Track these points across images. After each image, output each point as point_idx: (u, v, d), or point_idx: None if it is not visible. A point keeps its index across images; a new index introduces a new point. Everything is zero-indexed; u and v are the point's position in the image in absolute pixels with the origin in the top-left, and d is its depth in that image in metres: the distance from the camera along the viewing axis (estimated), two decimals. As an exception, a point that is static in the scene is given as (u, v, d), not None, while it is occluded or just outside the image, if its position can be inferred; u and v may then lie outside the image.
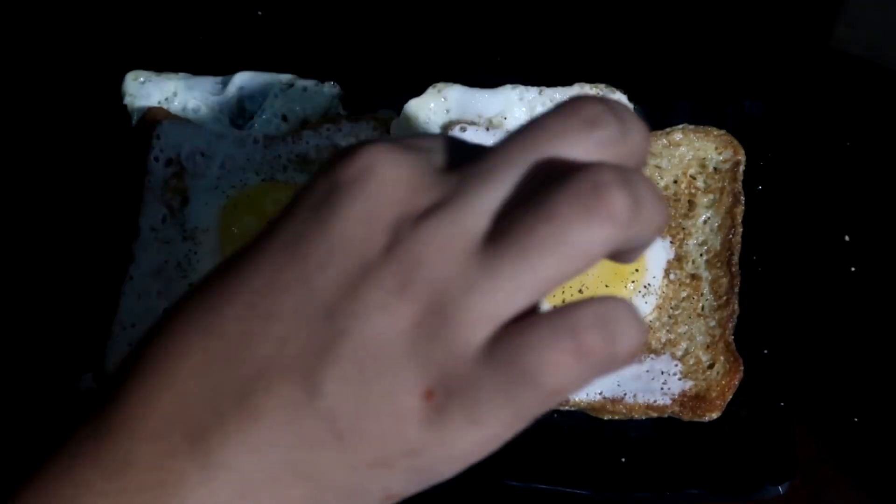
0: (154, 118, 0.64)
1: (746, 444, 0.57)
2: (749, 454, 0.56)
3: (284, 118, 0.66)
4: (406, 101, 0.65)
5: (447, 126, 0.64)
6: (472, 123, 0.63)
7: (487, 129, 0.63)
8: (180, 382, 0.32)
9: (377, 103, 0.66)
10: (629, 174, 0.31)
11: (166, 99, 0.66)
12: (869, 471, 0.58)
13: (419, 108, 0.64)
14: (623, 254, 0.33)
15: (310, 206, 0.32)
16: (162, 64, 0.67)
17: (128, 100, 0.66)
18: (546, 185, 0.31)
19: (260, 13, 0.71)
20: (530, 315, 0.31)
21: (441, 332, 0.31)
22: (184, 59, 0.68)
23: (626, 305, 0.31)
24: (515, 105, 0.64)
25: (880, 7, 0.71)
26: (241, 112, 0.66)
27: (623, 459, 0.57)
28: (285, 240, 0.32)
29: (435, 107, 0.64)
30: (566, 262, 0.30)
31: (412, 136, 0.35)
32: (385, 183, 0.32)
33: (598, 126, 0.32)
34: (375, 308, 0.31)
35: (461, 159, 0.33)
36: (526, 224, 0.30)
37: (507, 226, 0.31)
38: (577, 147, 0.31)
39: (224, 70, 0.67)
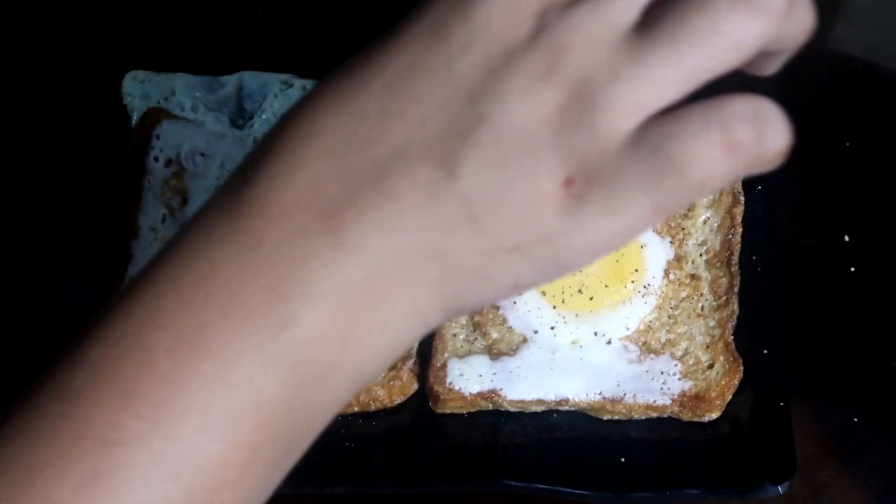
0: (154, 118, 0.64)
1: (746, 444, 0.57)
2: (749, 454, 0.56)
3: (284, 118, 0.66)
4: (406, 100, 0.65)
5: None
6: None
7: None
8: (314, 161, 0.32)
9: (377, 103, 0.66)
10: None
11: (166, 99, 0.66)
12: (869, 471, 0.58)
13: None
14: (765, 59, 0.33)
15: None
16: (162, 64, 0.67)
17: (127, 100, 0.66)
18: None
19: (260, 13, 0.71)
20: (676, 109, 0.31)
21: (586, 120, 0.30)
22: (184, 59, 0.68)
23: (775, 105, 0.31)
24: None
25: (880, 7, 0.71)
26: (240, 112, 0.66)
27: (623, 459, 0.57)
28: (427, 24, 0.32)
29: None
30: (717, 55, 0.31)
31: None
32: None
33: None
34: (519, 93, 0.31)
35: None
36: (679, 14, 0.30)
37: (657, 16, 0.31)
38: None
39: (224, 70, 0.67)
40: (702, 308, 0.60)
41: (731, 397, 0.57)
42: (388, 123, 0.32)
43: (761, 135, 0.31)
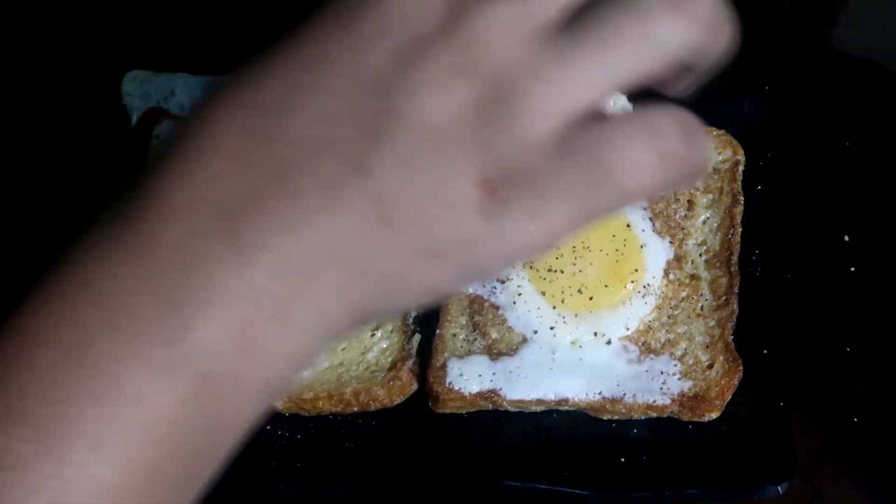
0: (153, 118, 0.64)
1: (746, 444, 0.57)
2: (749, 454, 0.56)
3: (284, 118, 0.66)
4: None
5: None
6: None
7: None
8: (216, 160, 0.30)
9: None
10: None
11: (165, 99, 0.66)
12: (869, 471, 0.58)
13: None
14: (682, 75, 0.32)
15: None
16: (161, 64, 0.67)
17: (127, 99, 0.66)
18: None
19: (260, 13, 0.71)
20: (599, 115, 0.30)
21: (503, 118, 0.29)
22: (183, 59, 0.68)
23: (697, 118, 0.31)
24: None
25: (880, 7, 0.71)
26: (240, 112, 0.66)
27: (623, 459, 0.57)
28: (337, 12, 0.31)
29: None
30: (643, 59, 0.30)
31: None
32: None
33: None
34: (430, 87, 0.29)
35: None
36: (608, 14, 0.29)
37: (583, 17, 0.30)
38: None
39: (224, 70, 0.66)
40: (701, 308, 0.60)
41: (730, 397, 0.57)
42: (293, 118, 0.30)
43: (691, 145, 0.30)
